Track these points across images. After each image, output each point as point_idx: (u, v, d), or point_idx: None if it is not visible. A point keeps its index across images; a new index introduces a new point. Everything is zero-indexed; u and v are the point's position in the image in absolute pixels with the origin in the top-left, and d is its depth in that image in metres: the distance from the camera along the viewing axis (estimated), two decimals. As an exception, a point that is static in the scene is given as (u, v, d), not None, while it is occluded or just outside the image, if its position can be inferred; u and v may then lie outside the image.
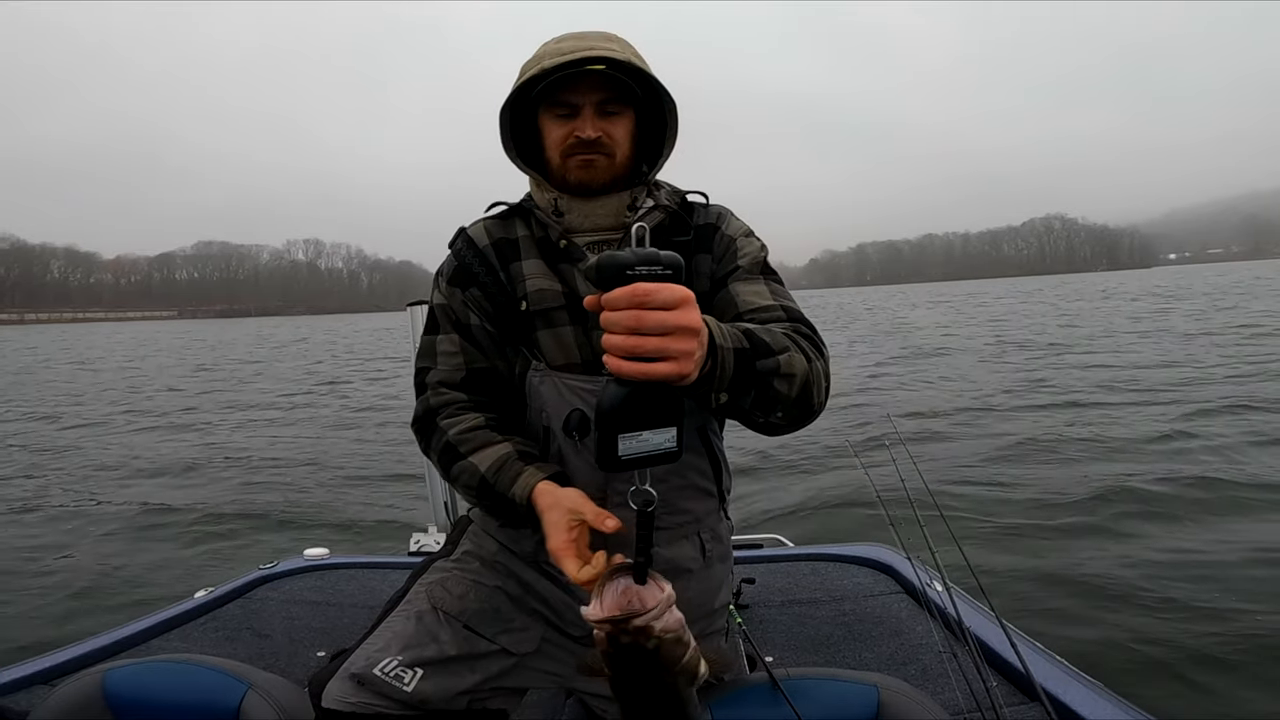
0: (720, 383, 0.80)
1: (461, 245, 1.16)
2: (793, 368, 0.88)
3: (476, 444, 1.04)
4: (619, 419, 0.69)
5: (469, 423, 1.07)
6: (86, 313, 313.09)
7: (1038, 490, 4.84)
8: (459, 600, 1.10)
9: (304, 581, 2.30)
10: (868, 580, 2.08)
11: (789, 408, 0.90)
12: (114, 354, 32.13)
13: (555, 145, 1.08)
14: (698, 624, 1.15)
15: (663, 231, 1.11)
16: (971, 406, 8.36)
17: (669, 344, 0.67)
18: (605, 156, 1.07)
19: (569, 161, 1.07)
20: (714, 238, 1.13)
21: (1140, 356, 12.13)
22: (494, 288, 1.12)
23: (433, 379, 1.13)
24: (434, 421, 1.10)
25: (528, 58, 1.10)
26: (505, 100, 1.08)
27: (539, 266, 1.11)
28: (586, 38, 1.07)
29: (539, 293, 1.09)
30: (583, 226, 1.11)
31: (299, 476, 6.75)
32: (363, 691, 1.01)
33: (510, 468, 1.00)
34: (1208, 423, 6.54)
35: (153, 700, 1.09)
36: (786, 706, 0.97)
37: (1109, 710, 1.31)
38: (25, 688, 1.56)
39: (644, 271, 0.66)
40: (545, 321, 1.09)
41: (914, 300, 57.04)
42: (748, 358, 0.82)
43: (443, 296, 1.16)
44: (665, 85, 1.06)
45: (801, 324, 1.01)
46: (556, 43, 1.07)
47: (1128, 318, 21.70)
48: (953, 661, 1.44)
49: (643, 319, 0.65)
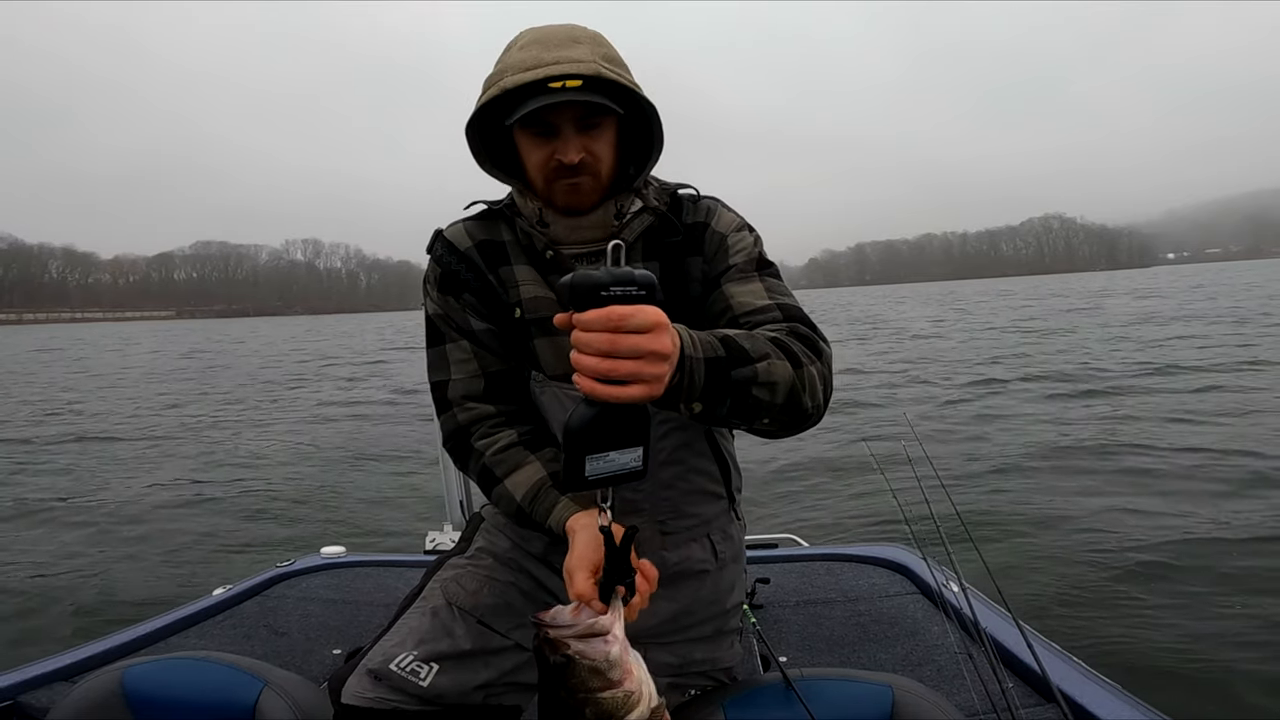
0: (689, 394, 0.77)
1: (442, 250, 1.12)
2: (773, 375, 0.83)
3: (510, 466, 1.03)
4: (587, 440, 0.68)
5: (503, 441, 1.05)
6: (85, 313, 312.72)
7: (1051, 493, 4.85)
8: (473, 596, 1.11)
9: (320, 580, 2.32)
10: (883, 581, 2.09)
11: (775, 414, 0.85)
12: (138, 350, 32.15)
13: (536, 167, 1.01)
14: (711, 623, 1.15)
15: (652, 234, 1.07)
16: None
17: (642, 368, 0.66)
18: (591, 177, 1.01)
19: (554, 185, 1.01)
20: (704, 236, 1.08)
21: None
22: (485, 292, 1.09)
23: (455, 393, 1.09)
24: (468, 442, 1.07)
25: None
26: (470, 117, 1.01)
27: (530, 273, 1.08)
28: (550, 44, 0.97)
29: (534, 300, 1.07)
30: (569, 239, 1.06)
31: (314, 475, 6.79)
32: (380, 687, 1.01)
33: (544, 497, 1.00)
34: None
35: (171, 697, 1.10)
36: (800, 707, 0.97)
37: (1126, 711, 1.31)
38: (46, 684, 1.58)
39: (618, 292, 0.65)
40: (542, 330, 1.06)
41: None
42: (722, 366, 0.79)
43: (437, 305, 1.12)
44: (642, 89, 0.99)
45: (800, 323, 0.96)
46: (519, 51, 0.98)
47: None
48: (968, 662, 1.44)
49: (617, 343, 0.64)
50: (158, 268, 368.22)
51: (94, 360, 27.26)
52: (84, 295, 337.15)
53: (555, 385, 1.07)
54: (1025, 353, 14.19)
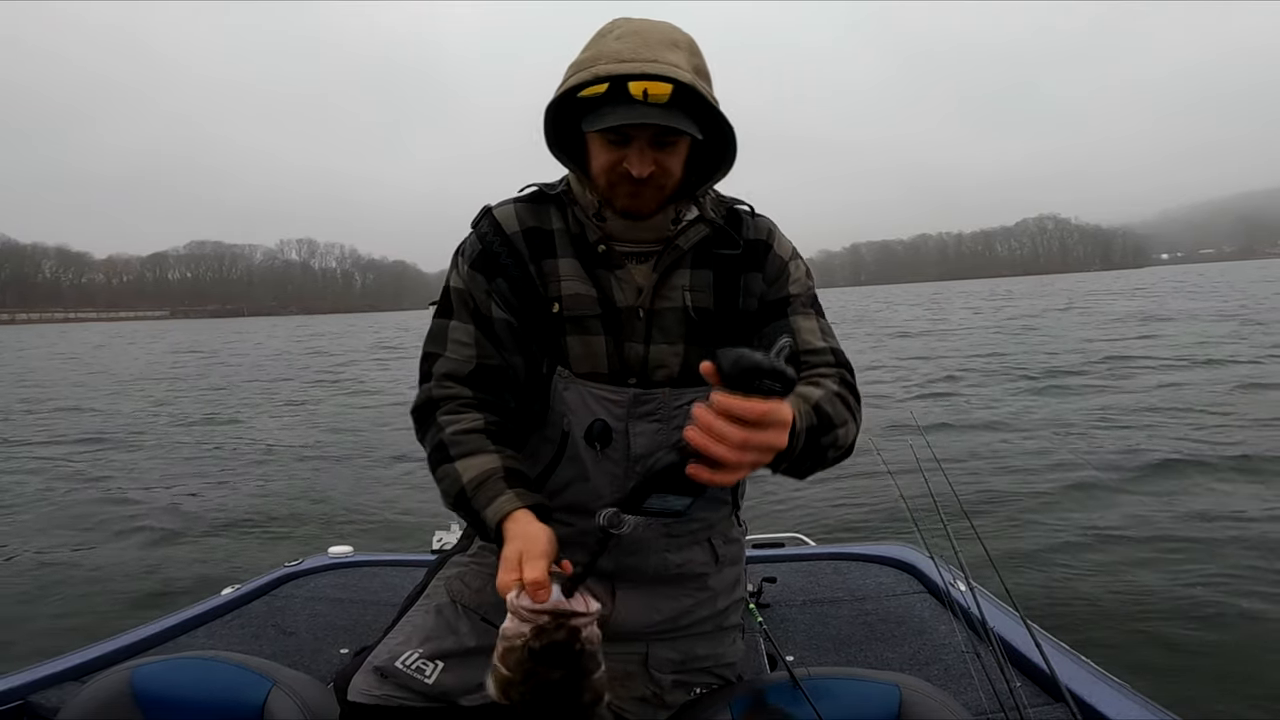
0: (787, 462, 0.84)
1: (487, 228, 1.09)
2: (847, 438, 0.94)
3: (467, 449, 1.00)
4: (661, 483, 0.74)
5: (466, 423, 1.03)
6: (78, 312, 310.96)
7: (1057, 492, 4.87)
8: (476, 593, 1.11)
9: (328, 579, 2.32)
10: (890, 580, 2.08)
11: (827, 467, 0.94)
12: (142, 349, 32.03)
13: (602, 169, 1.00)
14: (712, 620, 1.17)
15: (707, 244, 1.08)
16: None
17: (758, 460, 0.71)
18: (657, 189, 1.00)
19: (616, 189, 1.01)
20: (767, 257, 1.11)
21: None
22: (522, 281, 1.07)
23: (440, 369, 1.08)
24: (433, 414, 1.06)
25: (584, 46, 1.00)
26: (552, 99, 0.99)
27: (574, 268, 1.07)
28: (650, 40, 0.95)
29: (574, 298, 1.06)
30: (623, 237, 1.06)
31: (323, 474, 6.80)
32: (386, 684, 1.02)
33: (490, 486, 0.96)
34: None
35: (179, 697, 1.11)
36: (807, 706, 0.97)
37: (1136, 711, 1.31)
38: (56, 684, 1.58)
39: (768, 385, 0.69)
40: (577, 328, 1.06)
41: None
42: (813, 435, 0.87)
43: (462, 281, 1.09)
44: (724, 111, 0.98)
45: (846, 370, 1.04)
46: (615, 40, 0.96)
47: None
48: (976, 661, 1.44)
49: (749, 440, 0.69)
50: (152, 267, 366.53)
51: (95, 360, 27.08)
52: (77, 295, 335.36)
53: (581, 383, 1.06)
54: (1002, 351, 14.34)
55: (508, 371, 1.09)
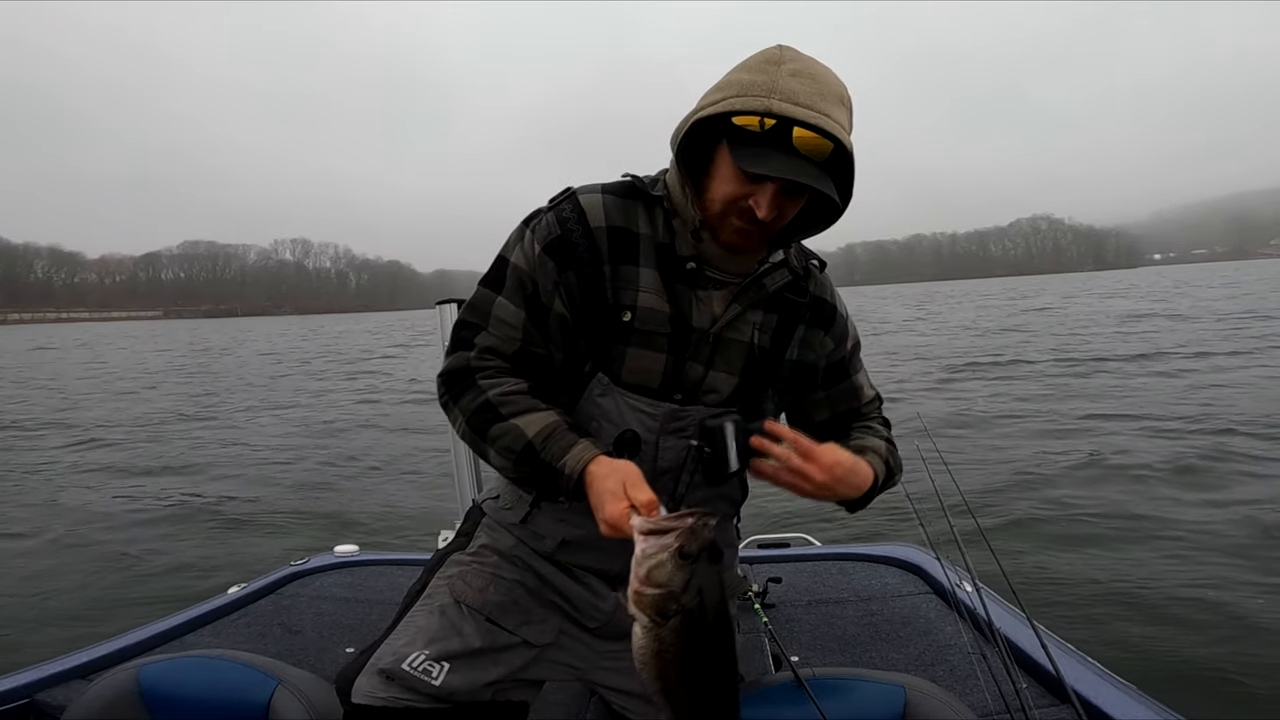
0: (855, 504, 1.05)
1: (570, 213, 1.01)
2: (897, 481, 1.12)
3: (521, 407, 0.97)
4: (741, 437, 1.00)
5: (511, 385, 1.00)
6: (70, 312, 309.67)
7: (1062, 493, 4.88)
8: (480, 594, 1.09)
9: (334, 578, 2.31)
10: (896, 580, 2.08)
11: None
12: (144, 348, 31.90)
13: (724, 198, 0.94)
14: None
15: (783, 290, 1.07)
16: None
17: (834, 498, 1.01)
18: (765, 231, 0.96)
19: (727, 220, 0.95)
20: (834, 319, 1.13)
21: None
22: (592, 280, 1.00)
23: (483, 342, 1.02)
24: (471, 378, 1.01)
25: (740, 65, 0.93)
26: (706, 113, 0.92)
27: (654, 281, 1.01)
28: (824, 89, 0.89)
29: (649, 312, 1.00)
30: (714, 263, 1.02)
31: (328, 473, 6.79)
32: (392, 686, 1.01)
33: (560, 436, 0.94)
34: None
35: (185, 696, 1.11)
36: (812, 706, 0.97)
37: (1141, 712, 1.31)
38: (62, 682, 1.57)
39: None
40: (644, 342, 1.01)
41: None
42: (879, 484, 1.05)
43: (527, 261, 1.01)
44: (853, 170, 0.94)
45: (881, 406, 1.22)
46: (790, 77, 0.89)
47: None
48: (982, 662, 1.44)
49: (835, 487, 0.97)
50: (145, 268, 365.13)
51: (93, 359, 27.00)
52: (70, 295, 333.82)
53: (621, 392, 1.02)
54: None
55: (549, 362, 1.04)
